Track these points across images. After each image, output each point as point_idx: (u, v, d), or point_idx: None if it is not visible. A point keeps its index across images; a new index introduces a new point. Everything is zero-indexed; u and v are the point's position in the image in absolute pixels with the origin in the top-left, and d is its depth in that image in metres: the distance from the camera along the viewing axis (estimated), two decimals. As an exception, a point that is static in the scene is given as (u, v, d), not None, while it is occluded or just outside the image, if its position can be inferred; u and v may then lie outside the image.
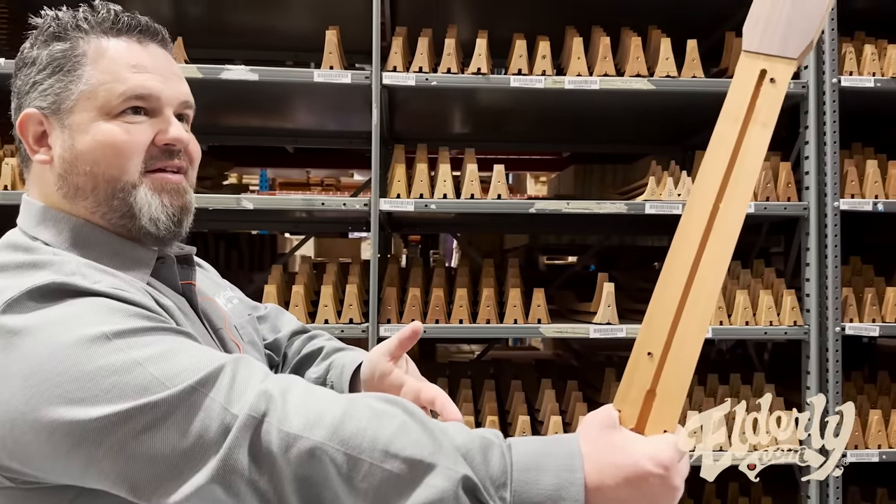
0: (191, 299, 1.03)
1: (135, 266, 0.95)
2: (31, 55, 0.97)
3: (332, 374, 1.18)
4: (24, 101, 0.97)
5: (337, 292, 2.40)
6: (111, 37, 0.96)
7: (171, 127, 0.97)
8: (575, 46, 2.35)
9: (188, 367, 0.79)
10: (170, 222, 0.97)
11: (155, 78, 0.96)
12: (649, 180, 2.39)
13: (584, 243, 3.94)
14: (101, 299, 0.83)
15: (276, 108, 3.00)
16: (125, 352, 0.78)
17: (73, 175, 0.94)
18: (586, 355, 3.62)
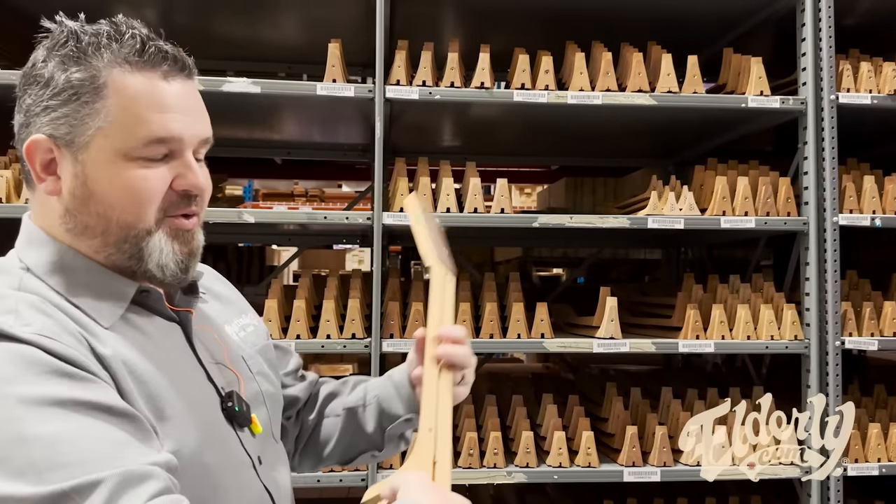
0: (185, 328, 0.99)
1: (108, 299, 0.91)
2: (44, 73, 0.90)
3: (370, 395, 1.18)
4: (34, 122, 0.91)
5: (338, 306, 2.37)
6: (135, 70, 0.90)
7: (191, 172, 0.93)
8: (577, 62, 2.36)
9: (74, 461, 0.73)
10: (177, 269, 0.94)
11: (177, 119, 0.91)
12: (651, 195, 2.39)
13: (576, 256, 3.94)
14: (21, 347, 0.78)
15: (269, 119, 2.96)
16: (19, 423, 0.74)
17: (83, 214, 0.90)
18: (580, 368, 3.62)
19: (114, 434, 0.77)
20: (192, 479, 0.88)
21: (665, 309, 2.64)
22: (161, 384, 0.89)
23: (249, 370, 1.05)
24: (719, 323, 2.35)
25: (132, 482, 0.73)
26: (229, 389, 0.99)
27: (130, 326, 0.92)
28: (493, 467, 2.29)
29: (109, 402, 0.79)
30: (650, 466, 2.27)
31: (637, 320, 2.76)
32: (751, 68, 2.39)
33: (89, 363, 0.81)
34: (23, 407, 0.74)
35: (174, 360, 0.94)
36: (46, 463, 0.72)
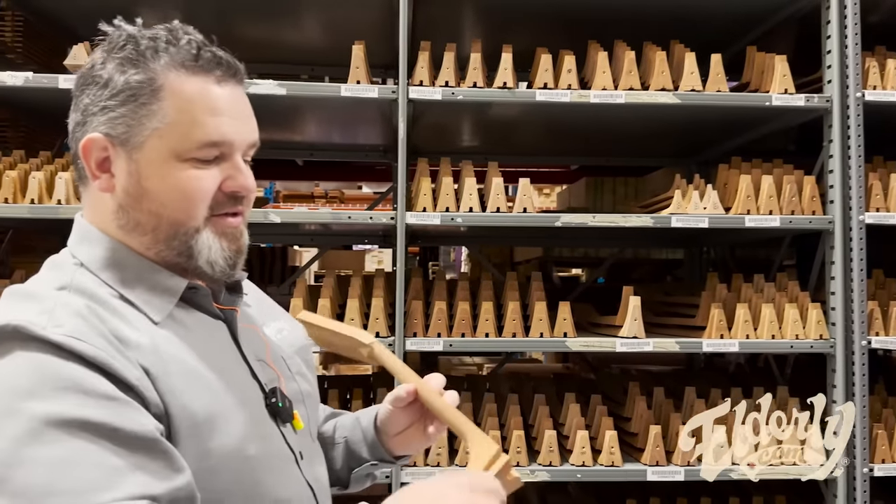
0: (231, 325, 1.02)
1: (159, 294, 0.94)
2: (102, 74, 0.94)
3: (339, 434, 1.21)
4: (90, 121, 0.94)
5: (362, 306, 2.39)
6: (190, 73, 0.93)
7: (240, 175, 0.96)
8: (600, 61, 2.36)
9: (68, 490, 0.74)
10: (225, 265, 0.97)
11: (230, 123, 0.94)
12: (675, 193, 2.39)
13: (597, 256, 3.93)
14: (43, 357, 0.80)
15: (291, 121, 2.99)
16: (23, 442, 0.75)
17: (135, 211, 0.94)
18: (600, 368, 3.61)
19: (115, 461, 0.77)
20: (236, 472, 0.90)
21: (688, 308, 2.64)
22: (208, 379, 0.91)
23: (289, 370, 1.08)
24: (743, 322, 2.34)
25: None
26: (272, 386, 1.01)
27: (178, 323, 0.94)
28: (517, 465, 2.29)
29: (119, 424, 0.79)
30: (674, 466, 2.27)
31: (660, 320, 2.75)
32: (775, 66, 2.38)
33: (118, 366, 0.82)
34: (30, 425, 0.75)
35: (220, 356, 0.96)
36: (42, 488, 0.73)
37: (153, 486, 0.78)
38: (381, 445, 1.16)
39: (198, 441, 0.87)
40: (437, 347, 2.29)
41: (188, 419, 0.87)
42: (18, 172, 2.31)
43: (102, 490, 0.74)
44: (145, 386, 0.84)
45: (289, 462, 0.99)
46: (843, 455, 1.31)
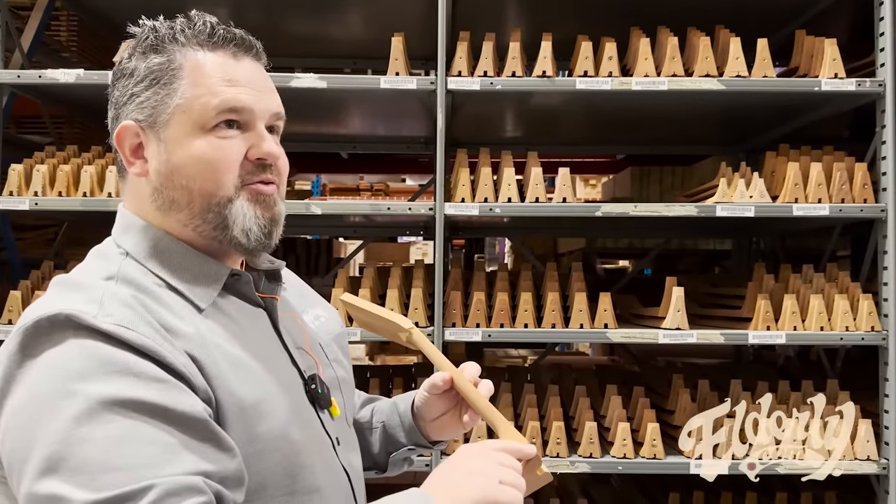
0: (271, 313, 1.04)
1: (204, 282, 0.96)
2: (129, 66, 0.98)
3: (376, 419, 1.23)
4: (122, 112, 0.98)
5: (402, 296, 2.41)
6: (207, 50, 0.97)
7: (264, 142, 0.97)
8: (642, 47, 2.32)
9: (125, 466, 0.76)
10: (261, 234, 0.98)
11: (248, 91, 0.97)
12: (720, 182, 2.34)
13: (642, 247, 3.88)
14: (97, 345, 0.82)
15: (335, 114, 3.03)
16: (81, 422, 0.77)
17: (168, 189, 0.96)
18: (645, 361, 3.57)
19: (168, 439, 0.79)
20: (281, 456, 0.92)
21: (735, 300, 2.58)
22: (252, 366, 0.93)
23: (326, 357, 1.09)
24: (791, 314, 2.28)
25: (176, 493, 0.75)
26: (311, 373, 1.03)
27: (221, 312, 0.97)
28: (556, 457, 2.28)
29: (170, 404, 0.81)
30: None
31: (706, 311, 2.70)
32: (824, 50, 2.30)
33: (165, 353, 0.84)
34: (86, 405, 0.78)
35: (262, 343, 0.98)
36: (100, 465, 0.75)
37: (204, 465, 0.80)
38: (419, 431, 1.18)
39: (245, 426, 0.89)
40: (475, 338, 2.29)
41: (235, 405, 0.89)
42: (71, 166, 2.39)
43: (158, 465, 0.77)
44: (192, 372, 0.86)
45: (326, 447, 1.01)
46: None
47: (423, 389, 1.13)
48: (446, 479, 0.88)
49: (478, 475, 0.87)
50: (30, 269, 2.56)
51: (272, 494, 0.91)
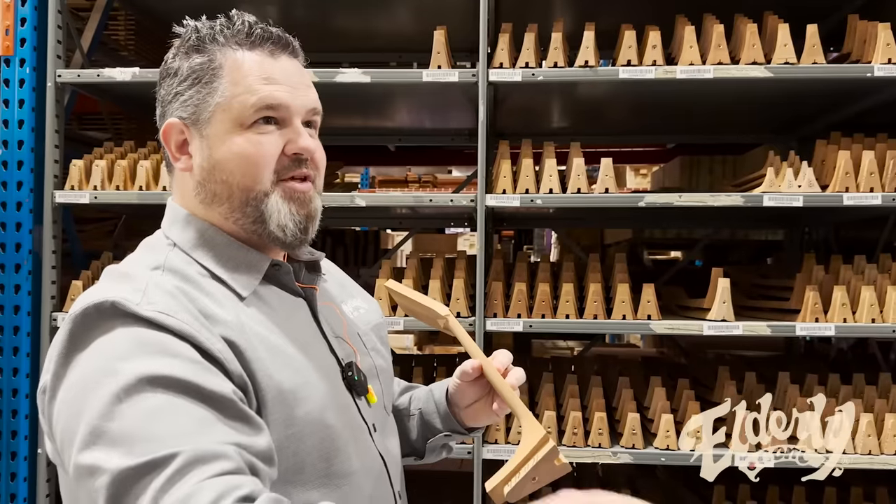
0: (310, 303, 1.08)
1: (246, 271, 1.01)
2: (173, 66, 1.03)
3: (414, 405, 1.25)
4: (168, 109, 1.03)
5: (444, 286, 2.44)
6: (245, 49, 1.01)
7: (300, 137, 1.01)
8: (687, 35, 2.29)
9: (160, 436, 0.80)
10: (296, 229, 1.02)
11: (284, 89, 1.01)
12: (767, 171, 2.29)
13: (690, 238, 3.82)
14: (140, 330, 0.87)
15: (381, 107, 3.07)
16: (122, 398, 0.82)
17: (210, 183, 1.01)
18: (694, 353, 3.52)
19: (202, 413, 0.83)
20: (318, 440, 0.96)
21: (784, 291, 2.53)
22: (290, 353, 0.97)
23: (364, 346, 1.13)
24: (841, 305, 2.23)
25: (203, 459, 0.79)
26: (348, 361, 1.06)
27: (262, 300, 1.01)
28: (598, 447, 2.29)
29: (203, 383, 0.85)
30: (763, 452, 2.20)
31: (754, 303, 2.66)
32: (877, 35, 2.23)
33: (202, 339, 0.89)
34: (125, 382, 0.83)
35: (300, 331, 1.03)
36: (138, 436, 0.80)
37: (236, 437, 0.84)
38: (454, 417, 1.20)
39: (284, 408, 0.93)
40: (516, 328, 2.31)
41: (274, 388, 0.93)
42: (128, 161, 2.50)
43: (194, 435, 0.81)
44: (228, 358, 0.90)
45: (363, 433, 1.05)
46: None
47: (455, 377, 1.15)
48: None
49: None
50: (90, 260, 2.68)
51: (309, 477, 0.95)
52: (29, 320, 2.48)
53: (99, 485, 0.79)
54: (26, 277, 2.49)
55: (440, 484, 2.67)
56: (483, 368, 1.09)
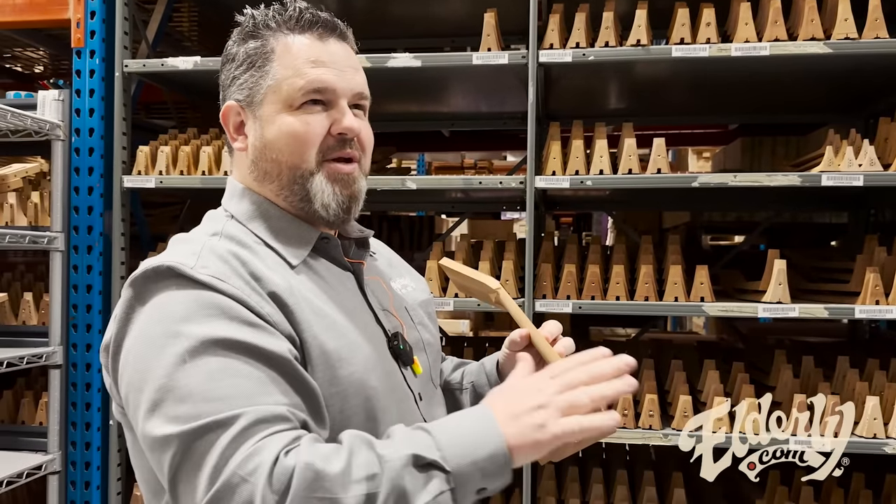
0: (358, 276, 1.12)
1: (297, 242, 1.07)
2: (232, 52, 1.10)
3: (466, 380, 1.27)
4: (227, 93, 1.11)
5: (493, 268, 2.46)
6: (296, 33, 1.07)
7: (345, 117, 1.06)
8: (742, 11, 2.24)
9: (224, 396, 0.85)
10: (339, 209, 1.07)
11: (331, 72, 1.06)
12: (826, 150, 2.23)
13: (751, 221, 3.73)
14: (196, 292, 0.92)
15: (434, 92, 3.09)
16: (185, 359, 0.87)
17: (262, 161, 1.07)
18: (754, 339, 3.45)
19: (260, 374, 0.88)
20: (362, 400, 1.00)
21: (844, 274, 2.46)
22: (336, 318, 1.02)
23: (411, 320, 1.17)
24: (874, 287, 2.15)
25: (265, 420, 0.84)
26: (394, 331, 1.11)
27: (311, 270, 1.07)
28: (649, 429, 2.28)
29: (261, 344, 0.90)
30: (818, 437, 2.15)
31: (814, 286, 2.59)
32: (948, 5, 2.13)
33: (253, 303, 0.94)
34: (189, 344, 0.88)
35: (347, 300, 1.07)
36: (202, 395, 0.85)
37: (292, 398, 0.89)
38: None
39: (328, 368, 0.98)
40: (565, 309, 2.32)
41: (318, 348, 0.98)
42: (192, 148, 2.60)
43: (251, 396, 0.86)
44: (277, 320, 0.95)
45: (408, 399, 1.08)
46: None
47: (505, 347, 1.18)
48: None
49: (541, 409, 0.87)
50: (157, 242, 2.81)
51: None
52: (100, 299, 2.63)
53: (167, 446, 0.85)
54: (97, 258, 2.62)
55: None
56: (531, 337, 1.11)
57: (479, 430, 0.85)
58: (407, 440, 0.84)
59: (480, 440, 0.84)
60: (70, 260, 2.63)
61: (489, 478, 0.83)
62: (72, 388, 2.64)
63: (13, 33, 3.10)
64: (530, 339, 1.11)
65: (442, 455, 0.82)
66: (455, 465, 0.82)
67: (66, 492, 2.64)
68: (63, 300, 2.60)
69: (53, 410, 2.58)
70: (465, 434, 0.85)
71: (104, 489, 2.65)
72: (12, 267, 3.10)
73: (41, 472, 2.53)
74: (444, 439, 0.84)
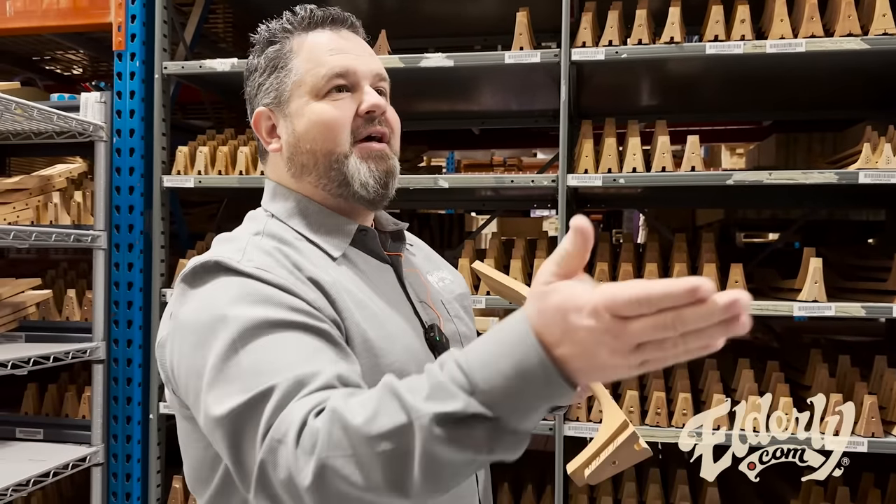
0: (396, 269, 1.15)
1: (337, 235, 1.10)
2: (253, 63, 1.15)
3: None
4: (255, 102, 1.15)
5: (525, 266, 2.47)
6: (310, 31, 1.12)
7: (368, 96, 1.10)
8: (777, 8, 2.22)
9: (271, 369, 0.86)
10: (377, 185, 1.10)
11: (349, 57, 1.11)
12: (863, 147, 2.20)
13: (787, 218, 3.68)
14: (242, 280, 0.95)
15: (466, 91, 3.11)
16: (234, 339, 0.90)
17: (297, 156, 1.11)
18: (789, 338, 3.41)
19: (307, 346, 0.91)
20: None
21: (883, 273, 2.43)
22: (375, 309, 1.05)
23: (448, 312, 1.20)
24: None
25: (303, 383, 0.85)
26: (431, 323, 1.13)
27: (351, 262, 1.10)
28: (682, 427, 2.27)
29: (307, 321, 0.93)
30: (856, 436, 2.13)
31: (850, 285, 2.56)
32: None
33: (298, 290, 0.97)
34: (238, 326, 0.91)
35: (386, 292, 1.10)
36: (252, 371, 0.88)
37: (339, 366, 0.90)
38: None
39: (371, 357, 1.00)
40: (598, 307, 2.31)
41: (360, 336, 1.00)
42: (229, 148, 2.65)
43: (296, 364, 0.87)
44: (321, 306, 0.98)
45: None
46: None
47: None
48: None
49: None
50: (196, 240, 2.87)
51: None
52: (140, 296, 2.69)
53: (222, 425, 0.88)
54: (138, 256, 2.69)
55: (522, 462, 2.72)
56: None
57: (506, 339, 0.71)
58: (436, 386, 0.74)
59: (508, 350, 0.70)
60: (111, 258, 2.70)
61: (531, 393, 0.69)
62: (113, 383, 2.71)
63: (56, 37, 3.18)
64: None
65: (470, 387, 0.71)
66: (487, 398, 0.70)
67: (108, 483, 2.71)
68: (105, 297, 2.67)
69: (96, 404, 2.66)
70: (492, 352, 0.72)
71: (144, 481, 2.72)
72: (55, 264, 3.19)
73: (85, 464, 2.60)
74: (472, 365, 0.72)
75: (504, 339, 0.71)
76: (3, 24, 2.86)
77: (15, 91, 2.74)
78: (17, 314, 2.68)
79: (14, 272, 3.03)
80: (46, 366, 2.42)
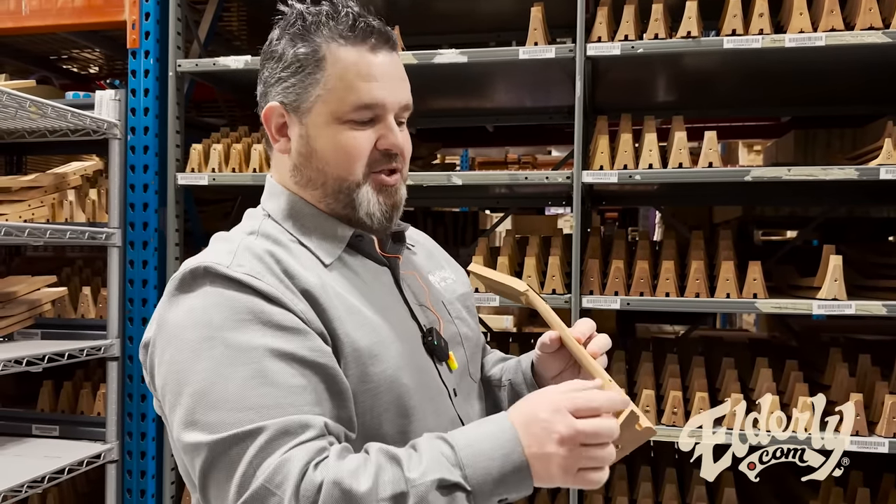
0: (394, 271, 1.13)
1: (330, 241, 1.08)
2: (277, 49, 1.08)
3: (505, 377, 1.27)
4: (270, 91, 1.10)
5: (539, 264, 2.45)
6: (347, 43, 1.05)
7: (392, 134, 1.07)
8: (797, 2, 2.18)
9: (255, 406, 0.87)
10: (382, 218, 1.09)
11: (381, 87, 1.05)
12: (885, 142, 2.16)
13: (806, 216, 3.63)
14: (229, 293, 0.94)
15: (480, 88, 3.09)
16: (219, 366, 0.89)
17: (306, 169, 1.08)
18: (807, 337, 3.36)
19: (293, 382, 0.90)
20: (394, 397, 1.01)
21: (905, 271, 2.38)
22: (368, 315, 1.03)
23: (449, 314, 1.18)
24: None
25: (291, 431, 0.86)
26: (430, 327, 1.11)
27: (346, 266, 1.08)
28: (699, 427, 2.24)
29: (294, 350, 0.92)
30: (877, 437, 2.09)
31: (871, 283, 2.51)
32: None
33: (286, 300, 0.96)
34: (224, 351, 0.90)
35: (382, 296, 1.09)
36: (234, 403, 0.88)
37: (323, 405, 0.91)
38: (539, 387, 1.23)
39: (359, 365, 0.99)
40: (613, 306, 2.29)
41: (350, 345, 0.99)
42: (243, 145, 2.65)
43: (284, 405, 0.88)
44: (309, 318, 0.97)
45: (442, 396, 1.09)
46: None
47: (537, 348, 1.18)
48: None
49: (560, 458, 0.89)
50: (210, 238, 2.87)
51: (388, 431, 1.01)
52: (155, 293, 2.70)
53: (197, 453, 0.88)
54: (152, 253, 2.70)
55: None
56: (562, 339, 1.11)
57: (498, 443, 0.89)
58: (433, 460, 0.87)
59: (499, 454, 0.88)
60: (126, 255, 2.71)
61: (507, 488, 0.88)
62: (128, 380, 2.72)
63: (71, 35, 3.19)
64: (561, 341, 1.11)
65: (463, 474, 0.86)
66: (476, 483, 0.87)
67: (123, 480, 2.72)
68: (119, 294, 2.68)
69: (111, 401, 2.67)
70: (485, 449, 0.89)
71: (159, 478, 2.73)
72: (71, 262, 3.21)
73: (100, 461, 2.61)
74: (466, 455, 0.88)
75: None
76: (19, 23, 2.88)
77: (30, 89, 2.75)
78: (33, 311, 2.69)
79: (30, 270, 3.05)
80: (61, 363, 2.43)
